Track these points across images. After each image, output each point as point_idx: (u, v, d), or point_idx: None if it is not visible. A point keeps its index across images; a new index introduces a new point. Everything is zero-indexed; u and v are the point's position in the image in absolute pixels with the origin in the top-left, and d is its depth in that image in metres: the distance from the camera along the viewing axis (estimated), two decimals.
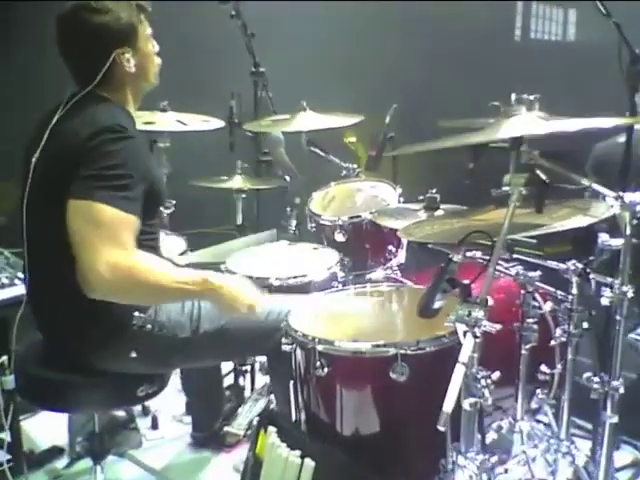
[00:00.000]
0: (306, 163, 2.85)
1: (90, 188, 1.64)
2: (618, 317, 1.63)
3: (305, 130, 2.69)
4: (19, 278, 2.25)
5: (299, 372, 1.82)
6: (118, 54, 1.79)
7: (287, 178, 2.88)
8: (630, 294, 1.61)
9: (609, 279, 1.66)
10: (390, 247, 2.52)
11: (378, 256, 2.53)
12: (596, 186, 1.64)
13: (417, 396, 1.68)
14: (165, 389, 2.00)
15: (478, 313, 1.33)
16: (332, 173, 2.86)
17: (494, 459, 1.47)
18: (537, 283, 1.96)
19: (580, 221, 1.64)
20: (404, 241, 2.52)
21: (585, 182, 1.67)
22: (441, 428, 1.26)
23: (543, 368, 2.09)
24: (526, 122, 1.60)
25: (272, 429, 1.79)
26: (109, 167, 1.66)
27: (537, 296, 2.07)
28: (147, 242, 1.82)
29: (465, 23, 3.60)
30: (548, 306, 2.07)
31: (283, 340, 1.81)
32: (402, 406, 1.71)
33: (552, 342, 1.95)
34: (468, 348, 1.31)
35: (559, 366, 2.09)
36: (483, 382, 1.37)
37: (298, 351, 1.80)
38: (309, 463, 1.66)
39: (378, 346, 1.66)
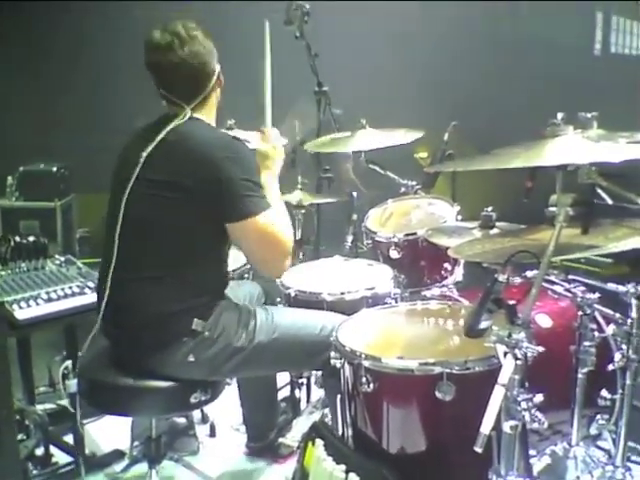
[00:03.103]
0: (366, 180, 2.87)
1: (246, 206, 1.86)
2: None
3: (365, 149, 2.71)
4: (89, 287, 2.38)
5: (347, 387, 1.83)
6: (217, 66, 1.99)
7: (354, 194, 2.91)
8: None
9: None
10: (446, 265, 2.51)
11: (434, 274, 2.52)
12: None
13: (463, 416, 1.65)
14: (225, 398, 2.06)
15: (519, 335, 1.31)
16: (393, 190, 2.87)
17: None
18: (595, 305, 1.90)
19: (637, 242, 1.59)
20: (461, 259, 2.50)
21: None
22: (478, 450, 1.25)
23: (604, 393, 2.02)
24: (570, 145, 1.55)
25: (319, 442, 1.81)
26: (247, 180, 1.87)
27: (599, 319, 2.01)
28: (222, 256, 2.01)
29: (543, 38, 3.56)
30: (611, 329, 2.00)
31: (332, 354, 1.84)
32: (448, 426, 1.70)
33: (610, 366, 1.89)
34: (508, 370, 1.30)
35: (620, 391, 2.02)
36: (524, 405, 1.34)
37: (346, 366, 1.81)
38: (353, 478, 1.67)
39: (424, 364, 1.66)
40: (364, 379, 1.72)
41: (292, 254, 1.98)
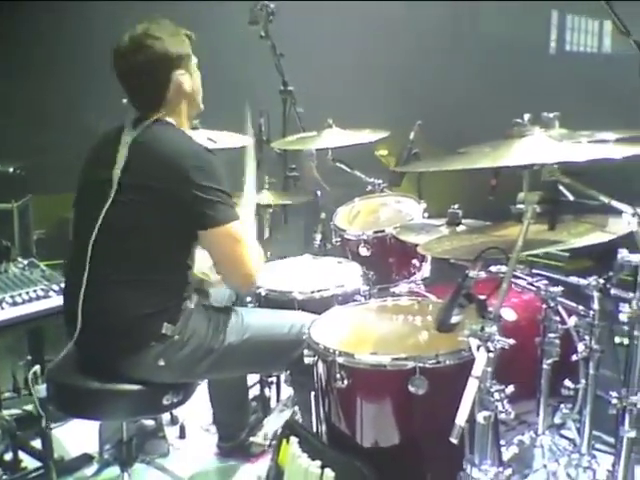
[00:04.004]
0: (333, 179, 2.89)
1: (217, 213, 1.85)
2: (637, 332, 1.63)
3: (331, 147, 2.73)
4: (54, 290, 2.34)
5: (320, 384, 1.86)
6: (177, 75, 1.93)
7: (318, 193, 2.93)
8: None
9: (631, 294, 1.66)
10: (414, 261, 2.55)
11: (402, 270, 2.56)
12: (615, 203, 1.65)
13: (436, 409, 1.69)
14: (194, 399, 2.06)
15: (491, 328, 1.35)
16: (359, 188, 2.90)
17: (508, 472, 1.48)
18: (559, 298, 1.96)
19: (598, 237, 1.65)
20: (428, 255, 2.54)
21: (604, 199, 1.67)
22: (454, 440, 1.29)
23: (567, 383, 2.08)
24: (536, 145, 1.60)
25: (294, 439, 1.83)
26: (217, 189, 1.85)
27: (562, 311, 2.07)
28: (189, 259, 1.97)
29: (498, 37, 3.62)
30: (572, 321, 2.07)
31: (305, 352, 1.86)
32: (421, 419, 1.73)
33: (574, 357, 1.95)
34: (481, 362, 1.34)
35: (583, 381, 2.08)
36: (497, 396, 1.38)
37: (319, 363, 1.83)
38: (329, 473, 1.69)
39: (397, 359, 1.69)
40: (338, 375, 1.74)
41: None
